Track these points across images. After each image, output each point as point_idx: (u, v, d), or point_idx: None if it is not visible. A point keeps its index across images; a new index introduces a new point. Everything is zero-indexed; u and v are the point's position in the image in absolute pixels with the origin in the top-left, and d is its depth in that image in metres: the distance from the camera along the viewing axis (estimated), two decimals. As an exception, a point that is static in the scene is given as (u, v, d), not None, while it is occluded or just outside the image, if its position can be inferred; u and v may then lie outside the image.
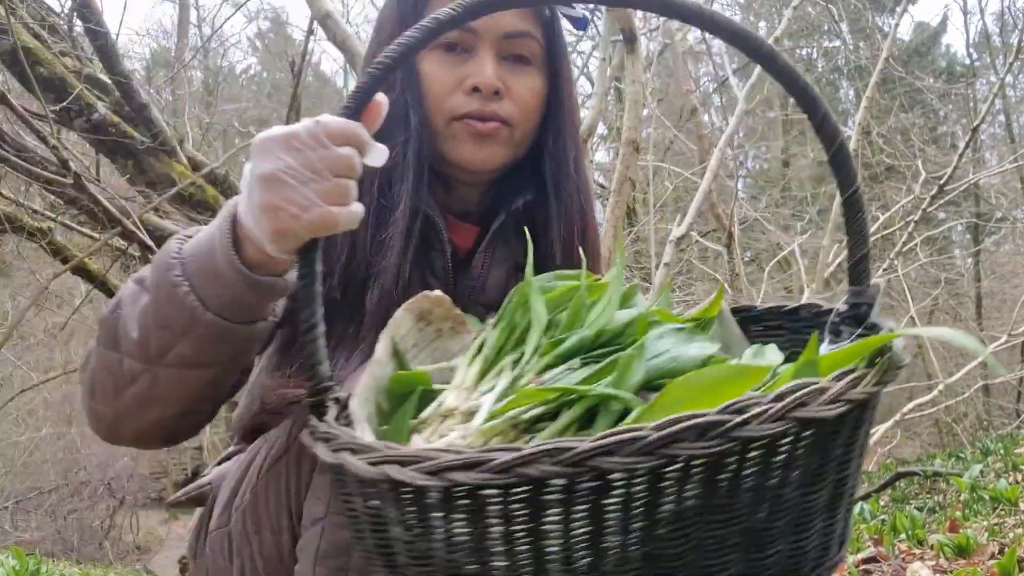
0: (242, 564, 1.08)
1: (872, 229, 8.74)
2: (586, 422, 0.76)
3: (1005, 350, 10.25)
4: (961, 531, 2.39)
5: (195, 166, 5.06)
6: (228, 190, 5.10)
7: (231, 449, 1.25)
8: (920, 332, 0.90)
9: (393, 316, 0.87)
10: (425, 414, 0.82)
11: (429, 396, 0.85)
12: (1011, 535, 2.37)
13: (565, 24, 1.21)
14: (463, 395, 0.81)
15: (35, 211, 5.24)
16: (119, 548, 9.24)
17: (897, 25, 9.03)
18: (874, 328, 0.78)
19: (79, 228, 5.42)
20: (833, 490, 0.71)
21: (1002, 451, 4.53)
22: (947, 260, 12.42)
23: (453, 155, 1.12)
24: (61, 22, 5.09)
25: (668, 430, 0.59)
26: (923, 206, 7.77)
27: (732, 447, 0.60)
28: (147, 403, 0.93)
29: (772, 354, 0.88)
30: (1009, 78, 11.38)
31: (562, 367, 0.82)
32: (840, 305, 0.83)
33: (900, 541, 2.63)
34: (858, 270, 0.79)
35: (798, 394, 0.62)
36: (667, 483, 0.62)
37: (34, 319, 7.93)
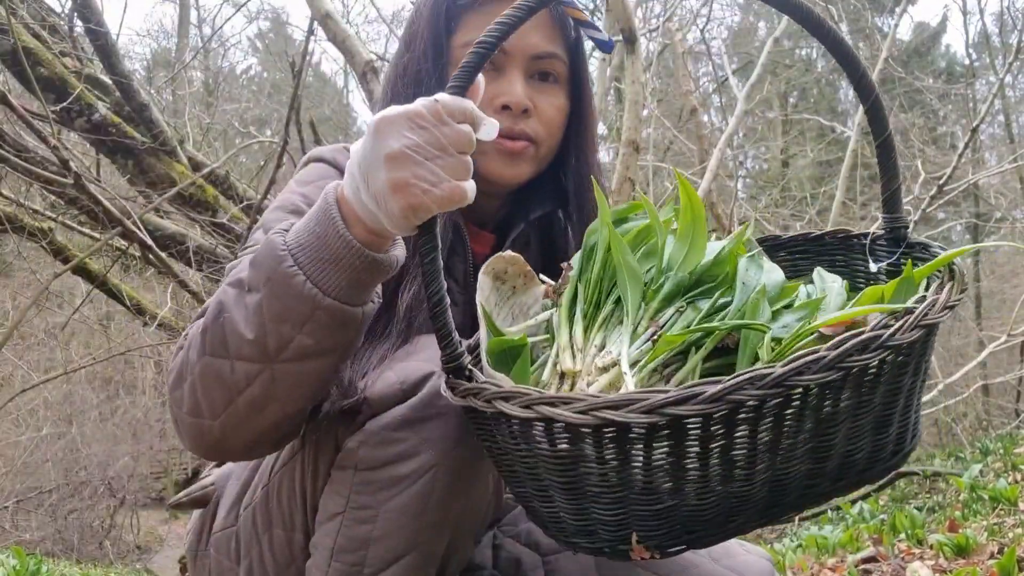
0: (250, 564, 1.08)
1: (872, 229, 8.73)
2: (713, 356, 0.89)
3: (1005, 350, 10.25)
4: (960, 531, 2.39)
5: (195, 166, 5.06)
6: (228, 190, 5.11)
7: None
8: (974, 248, 1.02)
9: (478, 282, 0.91)
10: (544, 377, 0.89)
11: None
12: (1010, 535, 2.37)
13: (589, 44, 1.24)
14: (579, 355, 0.88)
15: (35, 211, 5.24)
16: (119, 548, 9.24)
17: (897, 25, 9.05)
18: (923, 247, 0.96)
19: (79, 228, 5.43)
20: (923, 378, 0.89)
21: (1001, 451, 4.53)
22: (947, 260, 12.38)
23: (482, 170, 1.13)
24: (61, 22, 5.09)
25: (842, 348, 0.73)
26: (923, 206, 7.77)
27: (884, 355, 0.75)
28: (264, 404, 0.91)
29: (832, 279, 0.99)
30: (1008, 78, 11.39)
31: (671, 310, 0.91)
32: (875, 229, 1.00)
33: (900, 541, 2.63)
34: (893, 199, 0.96)
35: (921, 308, 0.78)
36: (830, 391, 0.76)
37: (34, 319, 7.93)
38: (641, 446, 0.75)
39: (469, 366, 0.86)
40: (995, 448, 4.67)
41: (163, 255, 4.39)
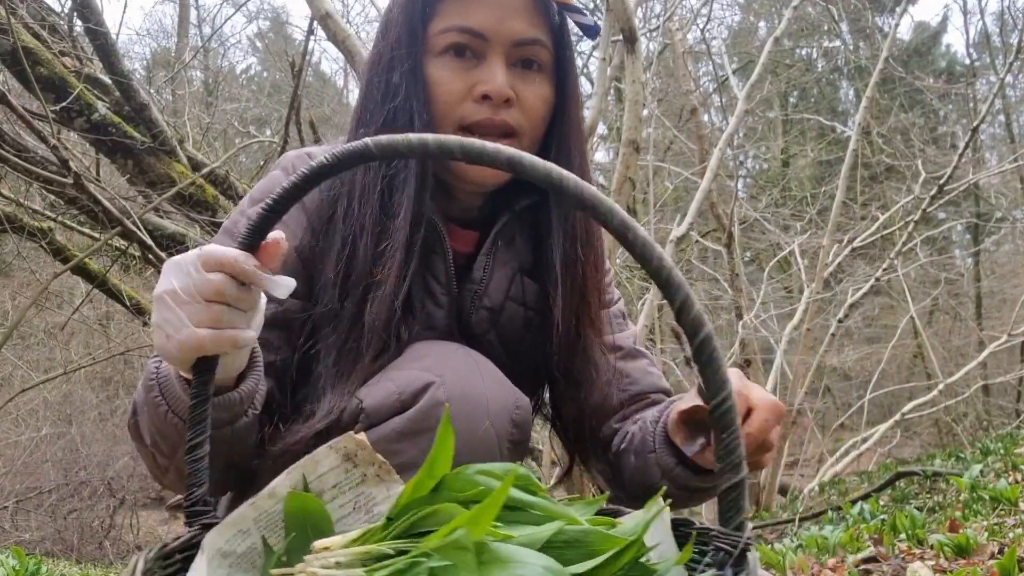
0: None
1: (872, 229, 8.74)
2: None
3: (1005, 350, 10.26)
4: (961, 531, 2.39)
5: (195, 166, 5.06)
6: (228, 190, 5.10)
7: None
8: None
9: (315, 452, 0.81)
10: None
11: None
12: (1011, 535, 2.37)
13: (574, 30, 1.19)
14: None
15: (35, 211, 5.24)
16: (119, 548, 9.24)
17: (897, 25, 9.04)
18: None
19: (79, 228, 5.42)
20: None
21: (1002, 451, 4.53)
22: (947, 260, 12.43)
23: (460, 168, 1.10)
24: (61, 22, 5.09)
25: None
26: (923, 206, 7.77)
27: None
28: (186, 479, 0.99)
29: None
30: (1009, 78, 11.39)
31: None
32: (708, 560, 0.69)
33: (900, 541, 2.62)
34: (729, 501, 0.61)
35: None
36: None
37: (34, 319, 7.93)
38: None
39: (197, 527, 0.77)
40: (996, 448, 4.66)
41: (163, 255, 4.38)
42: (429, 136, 0.67)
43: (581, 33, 1.18)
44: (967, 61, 15.92)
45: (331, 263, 1.06)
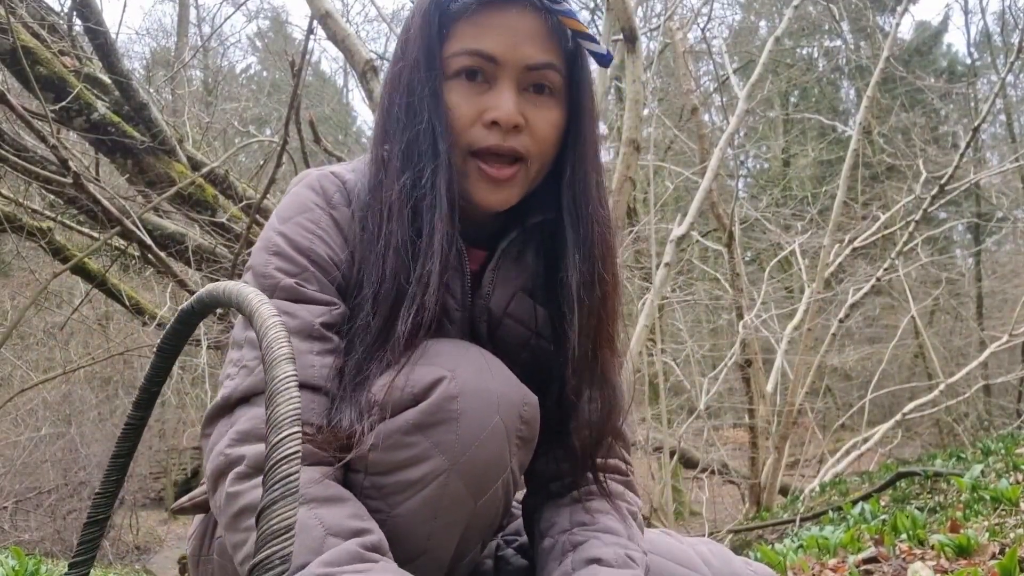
0: None
1: (873, 229, 8.73)
2: None
3: (1006, 350, 10.25)
4: (962, 531, 2.38)
5: (195, 165, 5.05)
6: (228, 189, 5.10)
7: None
8: None
9: None
10: None
11: None
12: (1012, 535, 2.36)
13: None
14: None
15: (34, 211, 5.23)
16: (118, 548, 9.24)
17: (898, 24, 9.02)
18: None
19: (78, 228, 5.42)
20: None
21: (1003, 451, 4.51)
22: (948, 260, 12.42)
23: (468, 192, 1.09)
24: (60, 21, 5.08)
25: None
26: (924, 206, 7.77)
27: None
28: None
29: None
30: (1010, 78, 11.39)
31: None
32: None
33: (901, 541, 2.62)
34: None
35: None
36: None
37: (33, 319, 7.92)
38: None
39: None
40: (997, 448, 4.65)
41: (162, 254, 4.38)
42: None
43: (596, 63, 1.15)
44: (968, 60, 15.93)
45: (367, 279, 1.06)
